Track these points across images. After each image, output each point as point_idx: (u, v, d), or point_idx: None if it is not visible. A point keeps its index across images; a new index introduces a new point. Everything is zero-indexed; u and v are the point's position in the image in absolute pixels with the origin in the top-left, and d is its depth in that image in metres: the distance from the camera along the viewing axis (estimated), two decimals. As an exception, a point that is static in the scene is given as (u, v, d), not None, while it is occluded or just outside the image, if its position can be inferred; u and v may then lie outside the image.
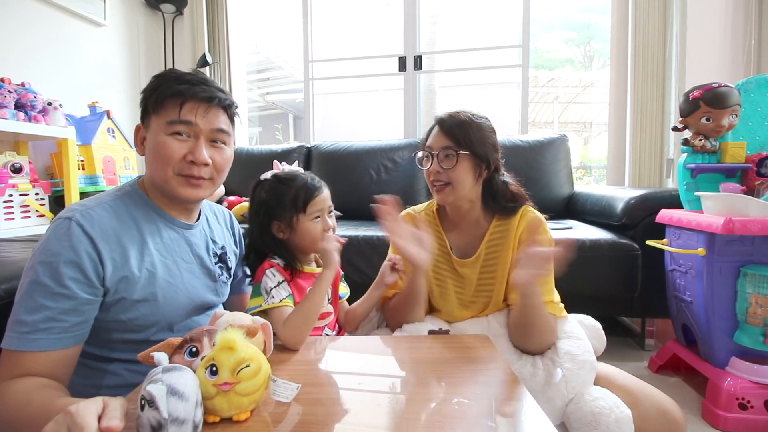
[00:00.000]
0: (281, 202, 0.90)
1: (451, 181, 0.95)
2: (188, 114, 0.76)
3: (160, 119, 0.77)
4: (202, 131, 0.78)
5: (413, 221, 1.02)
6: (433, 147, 0.98)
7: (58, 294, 0.67)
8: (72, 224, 0.70)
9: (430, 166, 0.98)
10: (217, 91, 0.80)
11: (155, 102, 0.77)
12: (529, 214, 1.00)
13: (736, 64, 2.28)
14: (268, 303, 0.82)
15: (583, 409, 0.78)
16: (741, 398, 1.19)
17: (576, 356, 0.85)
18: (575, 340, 0.89)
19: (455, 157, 0.94)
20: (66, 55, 2.21)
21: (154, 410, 0.45)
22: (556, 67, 8.84)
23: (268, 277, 0.86)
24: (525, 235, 0.96)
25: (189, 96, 0.76)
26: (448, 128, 0.96)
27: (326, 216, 0.93)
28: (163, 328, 0.79)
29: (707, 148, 1.38)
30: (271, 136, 7.78)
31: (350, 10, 8.39)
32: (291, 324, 0.80)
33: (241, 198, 2.21)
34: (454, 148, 0.95)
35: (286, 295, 0.85)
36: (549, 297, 0.93)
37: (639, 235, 1.60)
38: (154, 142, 0.77)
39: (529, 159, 2.22)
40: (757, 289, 1.18)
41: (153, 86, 0.78)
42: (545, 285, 0.93)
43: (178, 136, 0.76)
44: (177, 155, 0.76)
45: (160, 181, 0.79)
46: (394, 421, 0.56)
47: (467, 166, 0.95)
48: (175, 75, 0.79)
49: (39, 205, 1.79)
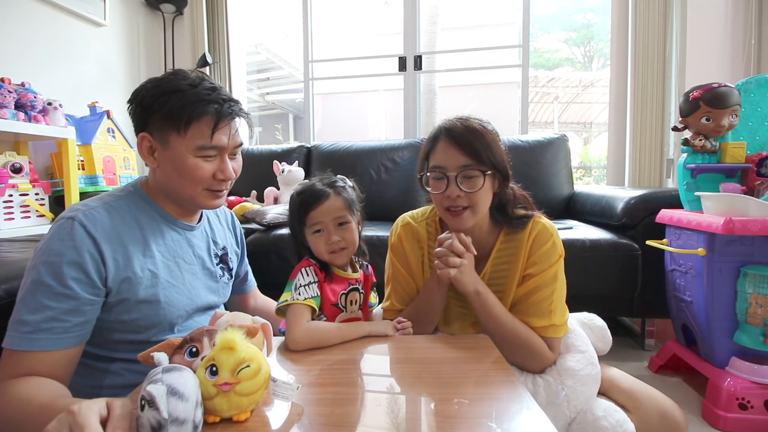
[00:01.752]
0: (293, 216, 0.92)
1: (471, 205, 0.82)
2: (219, 139, 0.78)
3: (188, 142, 0.76)
4: (227, 149, 0.80)
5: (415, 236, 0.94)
6: (447, 167, 0.82)
7: (61, 294, 0.67)
8: (75, 224, 0.70)
9: (446, 190, 0.82)
10: (234, 103, 0.80)
11: (182, 123, 0.74)
12: (538, 226, 0.88)
13: (736, 64, 2.28)
14: (294, 299, 0.82)
15: (586, 429, 0.77)
16: (741, 398, 1.19)
17: (578, 372, 0.81)
18: (576, 354, 0.85)
19: (481, 178, 0.81)
20: (66, 55, 2.21)
21: (154, 410, 0.45)
22: (556, 67, 8.85)
23: (301, 275, 0.86)
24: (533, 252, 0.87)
25: (220, 120, 0.77)
26: (464, 142, 0.81)
27: (333, 229, 0.86)
28: (164, 329, 0.79)
29: (707, 148, 1.38)
30: (271, 136, 7.79)
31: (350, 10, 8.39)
32: (310, 331, 0.80)
33: (241, 198, 2.21)
34: (477, 167, 0.81)
35: (312, 295, 0.84)
36: (548, 320, 0.84)
37: (639, 235, 1.60)
38: (182, 163, 0.77)
39: (529, 159, 2.22)
40: (757, 289, 1.18)
41: (177, 105, 0.74)
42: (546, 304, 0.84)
43: (208, 159, 0.78)
44: (208, 175, 0.79)
45: (185, 197, 0.81)
46: (394, 421, 0.56)
47: (489, 185, 0.83)
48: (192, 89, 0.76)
49: (39, 205, 1.79)
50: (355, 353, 0.79)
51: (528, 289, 0.86)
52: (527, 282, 0.86)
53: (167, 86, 0.76)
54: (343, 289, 0.90)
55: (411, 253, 0.94)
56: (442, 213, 0.87)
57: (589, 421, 0.78)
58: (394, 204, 2.07)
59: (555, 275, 0.86)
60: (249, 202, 2.20)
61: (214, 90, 0.78)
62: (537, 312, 0.84)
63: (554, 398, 0.80)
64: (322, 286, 0.87)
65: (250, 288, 1.14)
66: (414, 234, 0.95)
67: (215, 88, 0.79)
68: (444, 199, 0.84)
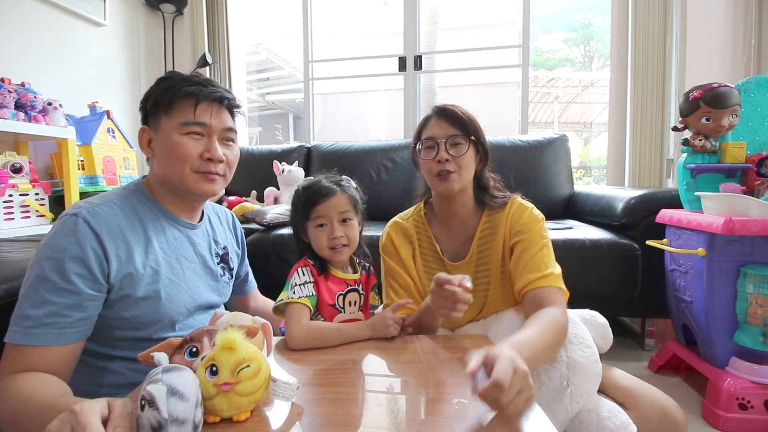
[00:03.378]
0: (296, 209, 0.94)
1: (458, 169, 0.93)
2: (202, 115, 0.80)
3: (173, 120, 0.79)
4: (215, 130, 0.81)
5: (404, 232, 1.01)
6: (437, 136, 0.95)
7: (63, 289, 0.68)
8: (78, 220, 0.71)
9: (436, 155, 0.94)
10: (225, 92, 0.83)
11: (167, 103, 0.79)
12: (515, 204, 0.98)
13: (736, 64, 2.28)
14: (289, 297, 0.85)
15: (590, 429, 0.77)
16: (741, 398, 1.19)
17: (586, 369, 0.81)
18: (585, 348, 0.83)
19: (466, 144, 0.93)
20: (66, 55, 2.21)
21: (154, 410, 0.45)
22: (556, 67, 8.85)
23: (297, 275, 0.89)
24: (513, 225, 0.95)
25: (202, 97, 0.79)
26: (452, 116, 0.95)
27: (336, 224, 0.90)
28: (165, 327, 0.79)
29: (707, 148, 1.38)
30: (271, 136, 7.79)
31: (350, 10, 8.39)
32: (309, 330, 0.83)
33: (241, 198, 2.21)
34: (463, 136, 0.93)
35: (306, 294, 0.87)
36: (546, 270, 0.87)
37: (639, 235, 1.60)
38: (169, 142, 0.79)
39: (529, 159, 2.22)
40: (757, 289, 1.18)
41: (162, 89, 0.80)
42: (539, 257, 0.88)
43: (194, 136, 0.79)
44: (194, 153, 0.79)
45: (175, 180, 0.81)
46: (394, 421, 0.56)
47: (472, 153, 0.95)
48: (181, 77, 0.81)
49: (39, 205, 1.79)
50: (355, 353, 0.79)
51: (519, 252, 0.92)
52: (516, 248, 0.93)
53: (162, 78, 0.82)
54: (341, 290, 0.91)
55: (402, 248, 1.00)
56: (432, 181, 0.96)
57: (593, 420, 0.77)
58: (394, 204, 2.05)
59: (540, 234, 0.92)
60: (249, 202, 2.20)
61: (207, 81, 0.82)
62: (533, 267, 0.88)
63: (559, 395, 0.80)
64: (319, 287, 0.88)
65: (250, 289, 1.14)
66: (403, 231, 1.02)
67: (210, 80, 0.83)
68: (434, 166, 0.94)
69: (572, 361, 0.81)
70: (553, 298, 0.84)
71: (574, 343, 0.85)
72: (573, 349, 0.84)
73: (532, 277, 0.87)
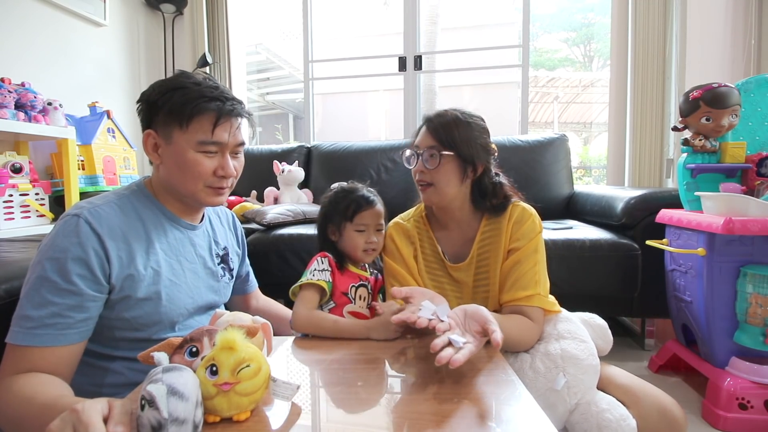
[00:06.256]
0: (336, 209, 0.98)
1: (434, 182, 0.93)
2: (220, 134, 0.79)
3: (189, 136, 0.77)
4: (228, 147, 0.81)
5: (405, 233, 1.02)
6: (419, 146, 0.95)
7: (65, 290, 0.68)
8: (80, 221, 0.71)
9: (416, 166, 0.96)
10: (236, 102, 0.82)
11: (186, 118, 0.76)
12: (518, 209, 0.97)
13: (736, 64, 2.28)
14: (308, 278, 0.91)
15: (589, 420, 0.78)
16: (741, 398, 1.19)
17: (580, 360, 0.83)
18: (579, 343, 0.86)
19: (438, 158, 0.91)
20: (66, 55, 2.21)
21: (154, 410, 0.45)
22: (556, 67, 8.85)
23: (316, 262, 0.95)
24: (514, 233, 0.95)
25: (221, 116, 0.78)
26: (433, 128, 0.94)
27: (372, 231, 0.97)
28: (165, 327, 0.80)
29: (707, 148, 1.38)
30: (271, 136, 7.80)
31: (350, 10, 8.39)
32: (311, 318, 0.88)
33: (241, 198, 2.21)
34: (437, 148, 0.92)
35: (324, 278, 0.92)
36: (534, 290, 0.89)
37: (639, 235, 1.60)
38: (183, 158, 0.78)
39: (529, 159, 2.22)
40: (757, 289, 1.19)
41: (180, 101, 0.76)
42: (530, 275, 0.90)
43: (208, 154, 0.79)
44: (209, 171, 0.80)
45: (186, 193, 0.81)
46: (394, 421, 0.56)
47: (451, 167, 0.92)
48: (196, 87, 0.78)
49: (39, 205, 1.79)
50: (355, 353, 0.80)
51: (512, 262, 0.93)
52: (511, 256, 0.94)
53: (172, 84, 0.79)
54: (354, 282, 0.96)
55: (404, 249, 1.01)
56: (417, 187, 0.99)
57: (593, 412, 0.78)
58: (394, 204, 2.04)
59: (536, 248, 0.93)
60: (249, 202, 2.20)
61: (217, 88, 0.80)
62: (522, 284, 0.90)
63: (555, 385, 0.81)
64: (335, 276, 0.94)
65: (251, 288, 1.14)
66: (404, 231, 1.03)
67: (218, 86, 0.81)
68: (415, 174, 0.97)
69: (566, 353, 0.84)
70: (532, 315, 0.89)
71: (567, 338, 0.88)
72: (567, 342, 0.87)
73: (519, 296, 0.90)
